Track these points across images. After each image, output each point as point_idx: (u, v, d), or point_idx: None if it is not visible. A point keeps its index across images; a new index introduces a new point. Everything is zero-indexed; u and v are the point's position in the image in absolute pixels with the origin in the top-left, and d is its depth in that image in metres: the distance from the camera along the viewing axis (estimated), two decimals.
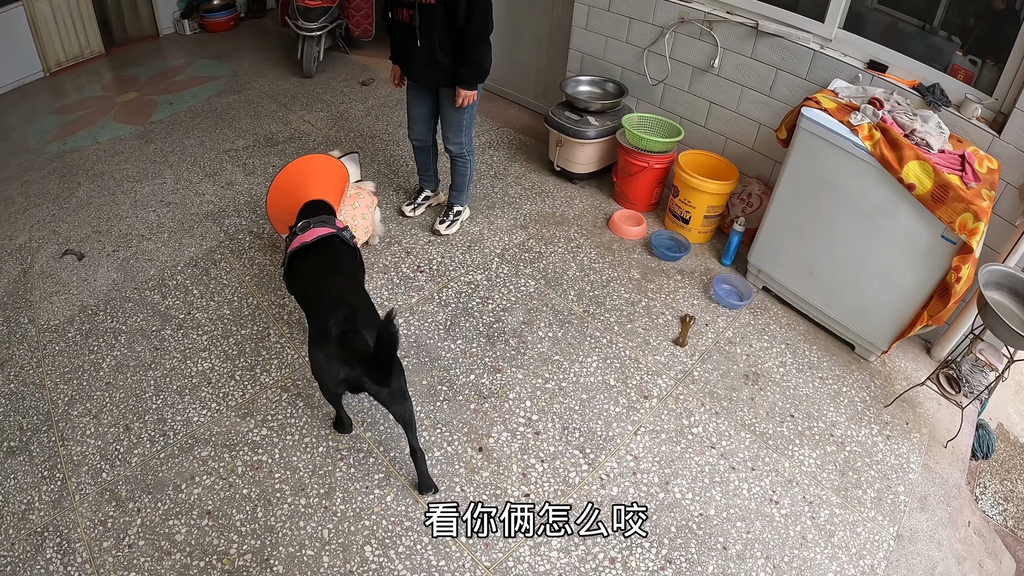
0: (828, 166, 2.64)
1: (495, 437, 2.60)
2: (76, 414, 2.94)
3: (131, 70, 6.02)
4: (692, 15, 3.51)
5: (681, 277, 3.48)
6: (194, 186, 4.38)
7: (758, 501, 2.31)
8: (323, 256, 2.55)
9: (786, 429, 2.60)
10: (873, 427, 2.67)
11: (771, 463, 2.46)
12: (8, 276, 3.72)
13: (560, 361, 2.97)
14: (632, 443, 2.52)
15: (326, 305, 2.24)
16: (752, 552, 2.16)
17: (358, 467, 2.57)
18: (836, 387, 2.82)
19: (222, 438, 2.80)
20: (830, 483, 2.42)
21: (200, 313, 3.42)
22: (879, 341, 2.77)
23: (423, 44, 3.03)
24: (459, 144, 3.52)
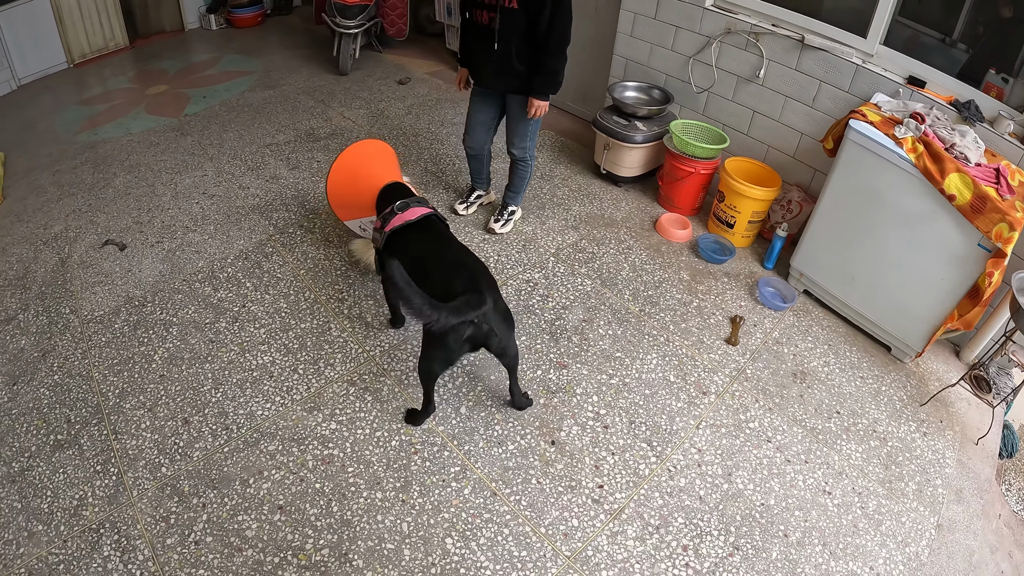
0: (873, 176, 2.69)
1: (566, 431, 2.55)
2: (128, 407, 2.74)
3: (158, 63, 5.83)
4: (739, 26, 3.54)
5: (728, 279, 3.46)
6: (237, 179, 4.20)
7: (813, 492, 2.37)
8: (429, 231, 2.56)
9: (833, 425, 2.65)
10: (911, 424, 2.73)
11: (822, 456, 2.51)
12: (45, 265, 3.50)
13: (622, 358, 2.93)
14: (695, 437, 2.54)
15: (445, 271, 2.27)
16: (810, 539, 2.22)
17: (433, 461, 2.49)
18: (876, 386, 2.86)
19: (289, 432, 2.65)
20: (875, 476, 2.48)
21: (255, 306, 3.23)
22: (914, 343, 2.85)
23: (500, 48, 2.94)
24: (523, 148, 3.43)
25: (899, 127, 2.69)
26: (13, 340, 3.07)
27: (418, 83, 5.53)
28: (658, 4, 3.99)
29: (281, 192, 4.07)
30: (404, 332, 3.14)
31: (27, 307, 3.25)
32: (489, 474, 2.41)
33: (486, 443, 2.53)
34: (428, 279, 2.28)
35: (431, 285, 2.23)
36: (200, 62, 5.82)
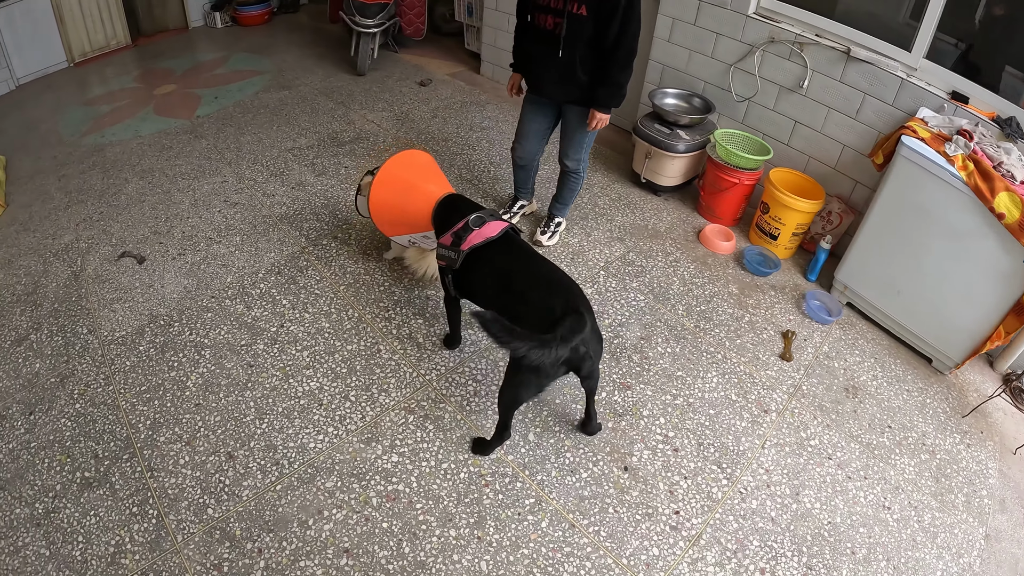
0: (924, 193, 2.68)
1: (637, 455, 2.44)
2: (163, 440, 2.47)
3: (164, 62, 5.50)
4: (783, 35, 3.42)
5: (775, 293, 3.33)
6: (260, 186, 3.90)
7: (874, 508, 2.34)
8: (512, 247, 2.39)
9: (887, 439, 2.62)
10: (955, 436, 2.71)
11: (879, 472, 2.48)
12: (56, 279, 3.19)
13: (683, 377, 2.80)
14: (761, 456, 2.47)
15: (540, 291, 2.14)
16: (875, 555, 2.20)
17: (506, 493, 2.31)
18: (921, 399, 2.84)
19: (348, 466, 2.40)
20: (928, 489, 2.47)
21: (295, 326, 2.95)
22: (955, 356, 2.85)
23: (564, 56, 2.75)
24: (578, 160, 3.22)
25: (949, 144, 2.65)
26: (27, 363, 2.76)
27: (440, 85, 5.26)
28: (698, 10, 3.83)
29: (309, 200, 3.78)
30: (460, 354, 2.90)
31: (39, 326, 2.94)
32: (565, 505, 2.26)
33: (559, 471, 2.37)
34: (522, 300, 2.16)
35: (526, 307, 2.12)
36: (208, 61, 5.50)
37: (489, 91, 5.20)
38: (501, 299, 2.27)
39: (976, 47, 3.14)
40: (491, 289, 2.35)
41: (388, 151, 4.31)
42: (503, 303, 2.24)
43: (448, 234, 2.47)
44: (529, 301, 2.14)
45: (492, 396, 2.68)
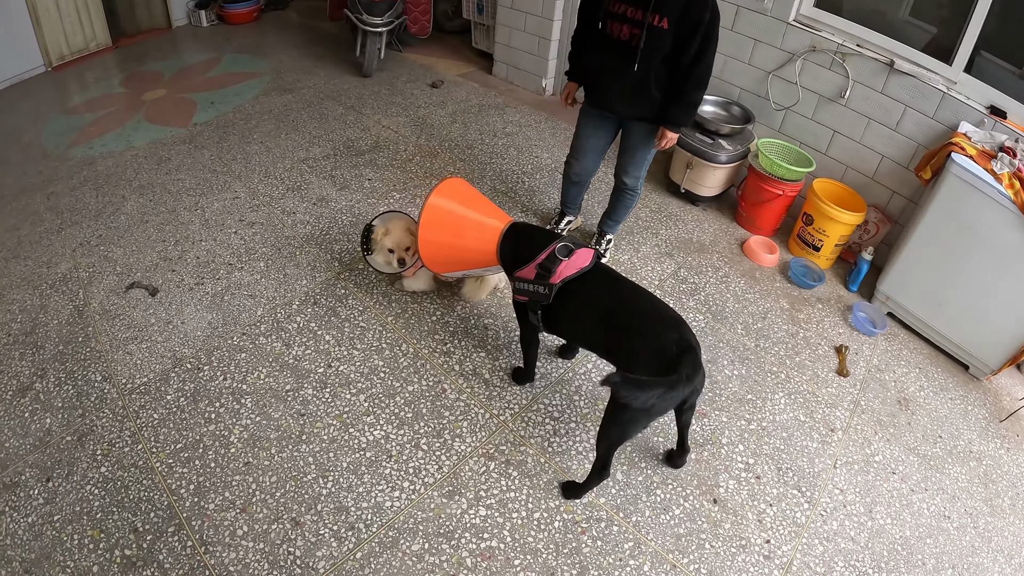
0: (972, 210, 2.70)
1: (723, 486, 2.33)
2: (213, 507, 2.13)
3: (150, 64, 5.02)
4: (824, 45, 3.33)
5: (822, 306, 3.24)
6: (277, 202, 3.51)
7: (936, 518, 2.36)
8: (606, 276, 2.19)
9: (939, 449, 2.62)
10: (996, 441, 2.73)
11: (936, 482, 2.49)
12: (57, 316, 2.78)
13: (753, 400, 2.69)
14: (835, 477, 2.43)
15: (650, 325, 1.97)
16: (942, 565, 2.21)
17: (604, 539, 2.15)
18: (963, 407, 2.85)
19: (432, 525, 2.14)
20: (979, 495, 2.48)
21: (344, 366, 2.61)
22: (992, 363, 2.90)
23: (639, 70, 2.52)
24: (637, 178, 3.00)
25: (995, 162, 2.66)
26: (35, 419, 2.37)
27: (452, 86, 4.91)
28: (736, 15, 3.64)
29: (335, 218, 3.42)
30: (530, 389, 2.63)
31: (44, 373, 2.55)
32: (663, 545, 2.13)
33: (652, 510, 2.22)
34: (629, 335, 1.99)
35: (638, 342, 1.96)
36: (198, 63, 5.03)
37: (505, 93, 4.88)
38: (601, 334, 2.11)
39: (1008, 62, 3.10)
40: (589, 325, 2.14)
41: (411, 160, 3.96)
42: (604, 339, 2.11)
43: (530, 267, 2.20)
44: (639, 336, 1.97)
45: (572, 435, 2.46)
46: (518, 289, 2.25)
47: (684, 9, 2.36)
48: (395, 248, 2.74)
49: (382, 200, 3.59)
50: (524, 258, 2.23)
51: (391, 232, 2.74)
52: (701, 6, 2.37)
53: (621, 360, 2.04)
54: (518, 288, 2.24)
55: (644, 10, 2.40)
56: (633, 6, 2.43)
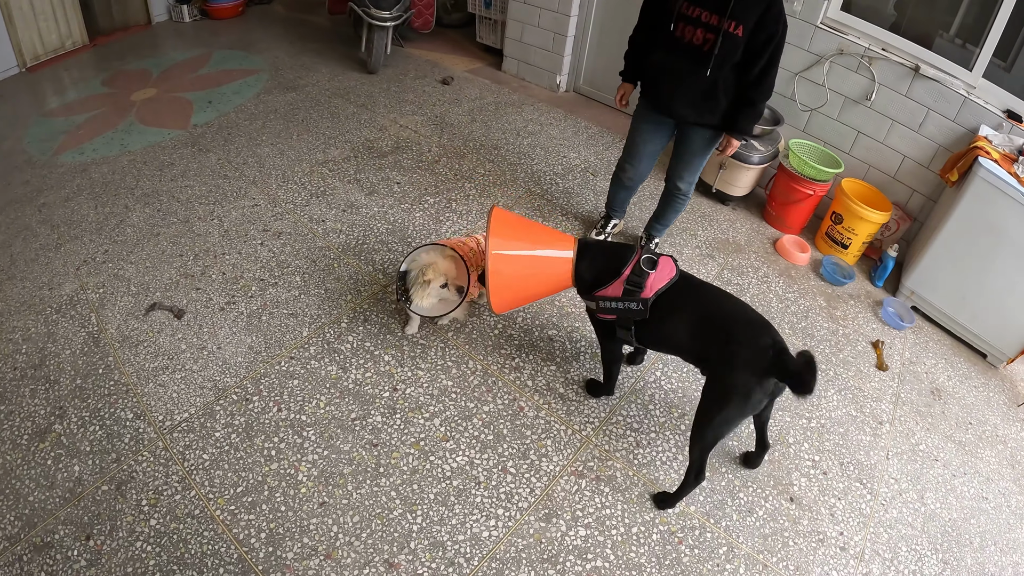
0: (997, 211, 2.78)
1: (797, 484, 2.31)
2: (292, 556, 1.87)
3: (134, 63, 4.58)
4: (851, 48, 3.34)
5: (854, 302, 3.23)
6: (302, 209, 3.20)
7: (975, 500, 2.41)
8: (689, 283, 2.10)
9: (971, 435, 2.67)
10: (1017, 424, 2.80)
11: (972, 466, 2.54)
12: (69, 346, 2.44)
13: (810, 398, 2.48)
14: (888, 467, 2.45)
15: (748, 330, 1.94)
16: (986, 542, 2.28)
17: (700, 547, 2.09)
18: (986, 393, 2.91)
19: (535, 552, 1.97)
20: (1008, 476, 2.55)
21: (411, 388, 2.34)
22: (1010, 351, 3.01)
23: (711, 76, 2.41)
24: (691, 183, 2.89)
25: (1018, 165, 2.76)
26: (60, 467, 2.05)
27: (463, 83, 4.64)
28: None
29: (369, 225, 3.13)
30: (606, 401, 2.45)
31: (63, 412, 2.21)
32: (753, 546, 2.10)
33: (738, 514, 2.18)
34: (728, 340, 1.93)
35: (737, 347, 1.91)
36: (187, 60, 4.61)
37: (518, 90, 4.64)
38: (697, 342, 2.03)
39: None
40: (684, 333, 2.05)
41: (438, 162, 3.69)
42: (700, 346, 2.03)
43: (616, 284, 2.05)
44: (735, 342, 1.92)
45: (654, 445, 2.34)
46: (604, 309, 2.08)
47: (760, 18, 2.27)
48: (449, 279, 2.30)
49: (416, 205, 3.31)
50: (605, 277, 2.06)
51: (436, 264, 2.28)
52: (776, 17, 2.29)
53: (716, 365, 1.97)
54: (604, 308, 2.08)
55: (721, 16, 2.28)
56: (709, 10, 2.30)
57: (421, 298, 2.29)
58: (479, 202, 3.41)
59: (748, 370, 1.87)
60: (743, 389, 1.89)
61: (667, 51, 2.46)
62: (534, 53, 4.58)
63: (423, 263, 2.27)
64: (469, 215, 3.30)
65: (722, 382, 1.93)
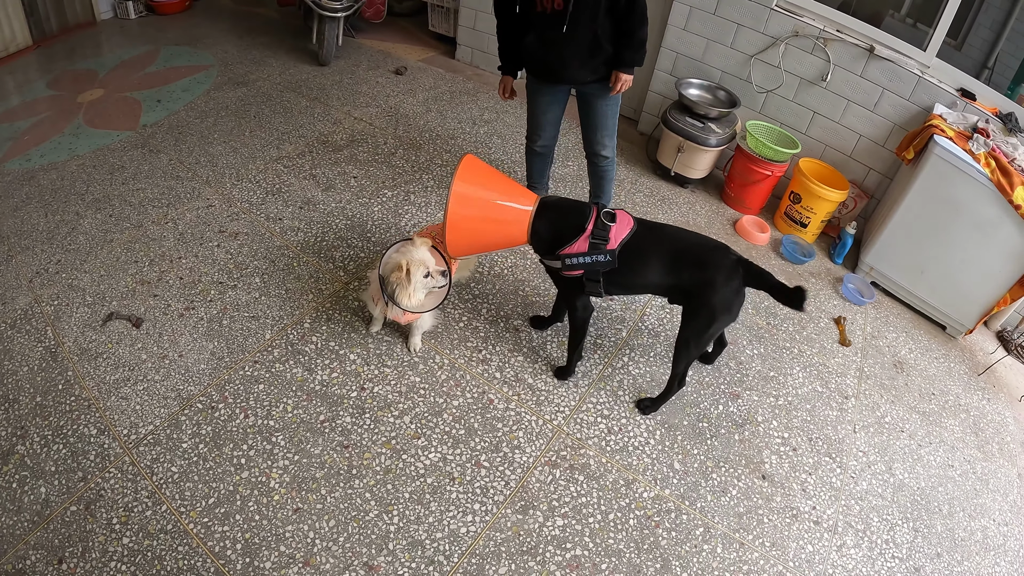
0: (953, 187, 2.79)
1: (768, 462, 2.30)
2: (270, 566, 1.81)
3: (80, 63, 4.27)
4: (807, 30, 3.28)
5: (815, 280, 3.23)
6: (259, 208, 3.04)
7: (942, 468, 2.43)
8: (650, 227, 2.13)
9: (934, 405, 2.69)
10: (977, 393, 2.83)
11: (937, 435, 2.56)
12: (27, 362, 2.28)
13: (776, 377, 2.63)
14: (856, 440, 2.45)
15: (714, 255, 2.07)
16: (954, 509, 2.30)
17: (677, 529, 2.07)
18: (947, 364, 2.93)
19: (514, 545, 1.93)
20: (972, 443, 2.58)
21: (379, 387, 2.26)
22: (968, 322, 3.05)
23: (581, 33, 2.37)
24: (611, 147, 2.81)
25: (972, 143, 2.76)
26: (26, 489, 1.93)
27: (416, 73, 4.47)
28: (719, 0, 3.48)
29: (327, 221, 3.00)
30: (575, 389, 2.41)
31: (25, 433, 2.08)
32: (729, 525, 2.09)
33: (712, 494, 2.16)
34: (705, 266, 2.04)
35: (713, 270, 2.03)
36: (134, 58, 4.32)
37: (473, 78, 4.48)
38: (671, 278, 2.10)
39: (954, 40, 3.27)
40: (657, 273, 2.10)
41: (395, 154, 3.55)
42: (674, 281, 2.10)
43: (581, 240, 2.04)
44: (710, 266, 2.04)
45: (625, 431, 2.32)
46: (571, 265, 2.07)
47: None
48: (428, 267, 2.13)
49: (374, 199, 3.18)
50: (568, 234, 2.05)
51: (414, 254, 2.11)
52: None
53: (697, 289, 2.05)
54: (571, 264, 2.07)
55: None
56: None
57: (407, 296, 2.10)
58: (437, 194, 3.29)
59: (727, 287, 2.02)
60: (725, 304, 2.05)
61: (536, 28, 2.42)
62: (488, 40, 4.43)
63: (395, 262, 2.09)
64: (428, 207, 3.19)
65: (707, 302, 2.05)
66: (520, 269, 2.88)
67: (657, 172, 3.74)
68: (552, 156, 3.02)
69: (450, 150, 3.66)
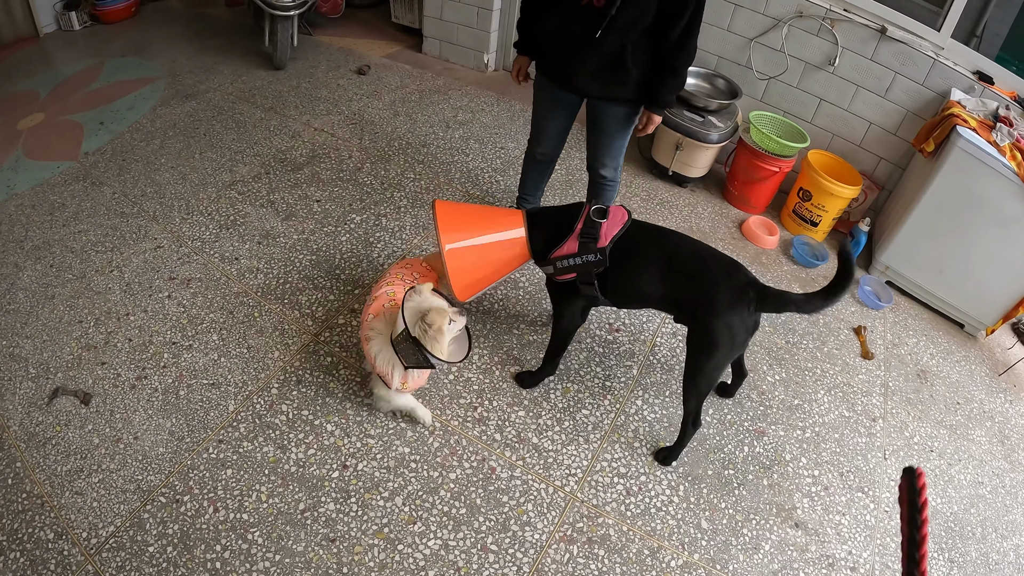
0: (976, 182, 2.63)
1: (799, 507, 2.12)
2: None
3: (21, 83, 3.85)
4: (812, 11, 3.04)
5: None
6: (212, 246, 2.73)
7: (972, 487, 2.32)
8: (648, 228, 2.00)
9: (960, 416, 2.57)
10: (999, 396, 2.72)
11: (965, 450, 2.45)
12: None
13: (800, 405, 2.45)
14: (887, 468, 2.31)
15: (719, 269, 1.88)
16: (986, 531, 2.20)
17: None
18: (968, 367, 2.81)
19: None
20: (999, 453, 2.48)
21: (363, 462, 2.02)
22: (988, 321, 2.92)
23: (611, 41, 2.02)
24: (615, 168, 2.51)
25: (995, 133, 2.62)
26: None
27: (381, 71, 4.10)
28: None
29: (289, 258, 2.69)
30: (587, 445, 2.17)
31: None
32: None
33: (744, 553, 1.97)
34: (706, 280, 1.85)
35: (714, 287, 1.84)
36: (77, 75, 3.90)
37: (443, 73, 4.13)
38: (666, 286, 1.91)
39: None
40: (652, 278, 1.93)
41: (361, 169, 3.24)
42: (670, 290, 1.91)
43: (570, 240, 1.92)
44: (711, 282, 1.85)
45: (646, 490, 2.09)
46: (563, 269, 1.95)
47: None
48: (450, 314, 1.86)
49: (341, 227, 2.87)
50: (559, 236, 1.94)
51: (434, 302, 1.86)
52: None
53: (698, 311, 1.86)
54: (563, 267, 1.95)
55: None
56: None
57: (440, 351, 1.81)
58: (412, 214, 2.98)
59: (732, 312, 1.81)
60: (729, 332, 1.83)
61: (560, 15, 2.07)
62: (457, 31, 4.07)
63: (416, 318, 1.80)
64: (402, 232, 2.89)
65: (708, 328, 1.85)
66: (513, 303, 2.61)
67: (653, 171, 3.47)
68: (552, 168, 2.72)
69: (423, 160, 3.34)
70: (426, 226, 2.94)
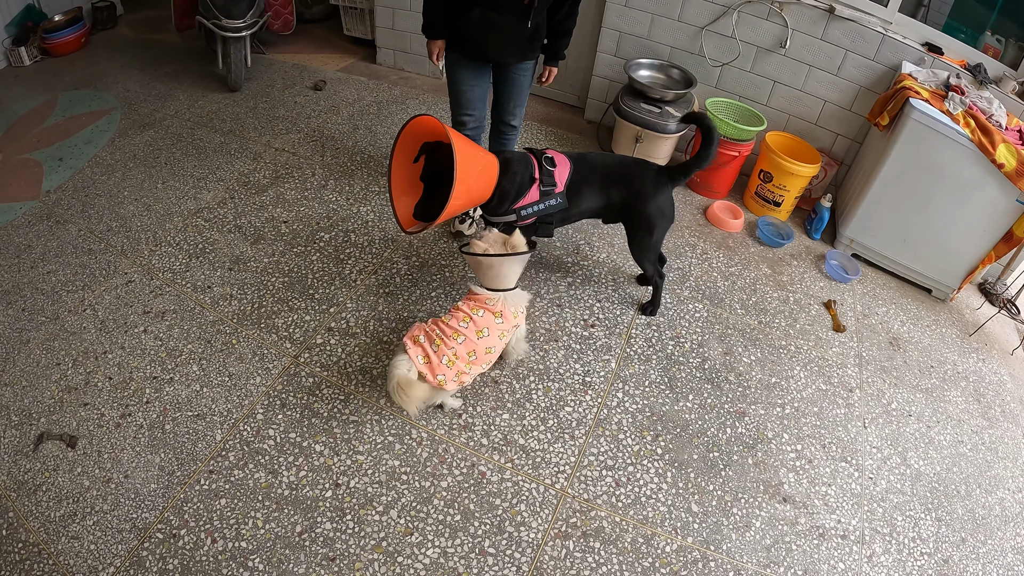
0: (933, 151, 2.72)
1: (786, 481, 2.20)
2: None
3: None
4: None
5: (797, 262, 3.13)
6: (183, 276, 2.74)
7: (953, 446, 2.40)
8: (582, 159, 2.39)
9: (935, 379, 2.66)
10: (972, 356, 2.82)
11: (943, 412, 2.54)
12: None
13: (778, 382, 2.53)
14: (867, 436, 2.39)
15: (636, 168, 2.37)
16: (970, 487, 2.27)
17: None
18: (939, 331, 2.90)
19: None
20: (977, 411, 2.56)
21: (355, 479, 2.09)
22: (953, 283, 3.03)
23: (532, 23, 2.37)
24: (520, 116, 2.80)
25: (948, 102, 2.69)
26: None
27: (337, 85, 4.11)
28: None
29: (262, 282, 2.72)
30: (572, 441, 2.23)
31: None
32: (758, 562, 1.99)
33: (736, 532, 2.05)
34: (632, 180, 2.33)
35: (640, 182, 2.33)
36: (31, 112, 3.85)
37: (398, 83, 4.16)
38: (603, 199, 2.38)
39: None
40: (593, 199, 2.37)
41: (325, 187, 3.26)
42: (607, 200, 2.38)
43: (533, 190, 2.29)
44: (636, 179, 2.33)
45: (634, 480, 2.16)
46: (527, 215, 2.32)
47: None
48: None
49: (311, 245, 2.90)
50: (518, 189, 2.27)
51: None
52: None
53: (631, 202, 2.35)
54: (527, 214, 2.32)
55: None
56: None
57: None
58: (380, 228, 3.01)
59: (658, 194, 2.30)
60: (660, 210, 2.33)
61: (486, 6, 2.31)
62: (410, 39, 4.10)
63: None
64: (372, 247, 2.93)
65: (644, 212, 2.34)
66: None
67: None
68: (482, 136, 2.88)
69: (387, 172, 3.35)
70: (395, 239, 2.97)
